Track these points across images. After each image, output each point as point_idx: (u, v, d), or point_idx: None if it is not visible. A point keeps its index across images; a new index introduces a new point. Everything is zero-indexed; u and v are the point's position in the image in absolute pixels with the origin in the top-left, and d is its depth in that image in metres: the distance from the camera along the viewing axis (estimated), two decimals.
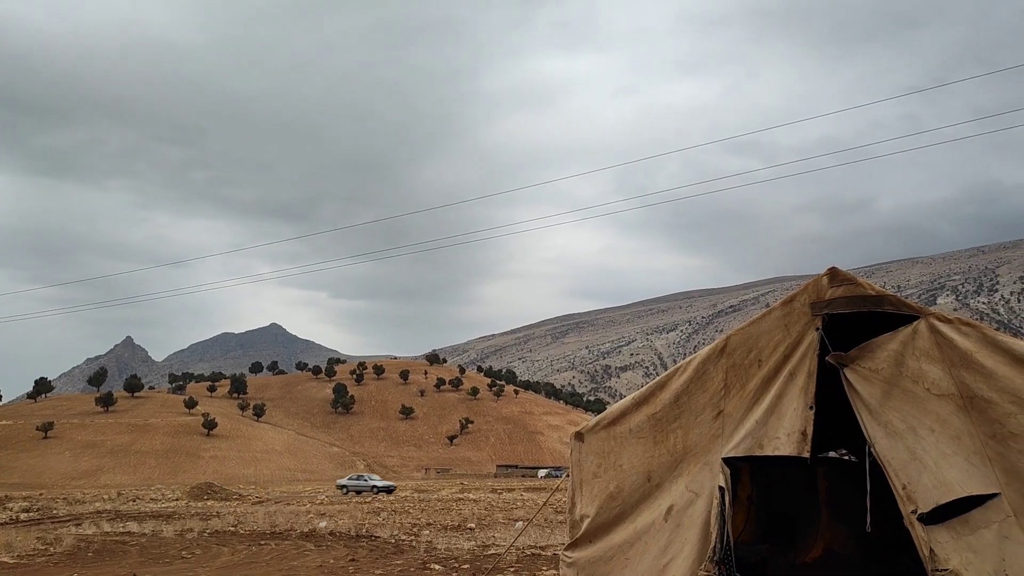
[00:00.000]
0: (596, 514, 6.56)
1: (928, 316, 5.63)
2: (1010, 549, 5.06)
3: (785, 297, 6.27)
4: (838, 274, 6.00)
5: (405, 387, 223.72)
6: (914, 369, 5.57)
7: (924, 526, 5.26)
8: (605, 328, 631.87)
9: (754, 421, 6.01)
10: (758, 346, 6.17)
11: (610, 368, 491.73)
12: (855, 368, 5.75)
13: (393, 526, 22.71)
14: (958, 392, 5.41)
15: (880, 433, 5.57)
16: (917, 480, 5.37)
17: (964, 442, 5.34)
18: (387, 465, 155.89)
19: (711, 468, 6.11)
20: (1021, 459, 5.12)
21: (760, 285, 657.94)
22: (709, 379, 6.30)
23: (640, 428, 6.51)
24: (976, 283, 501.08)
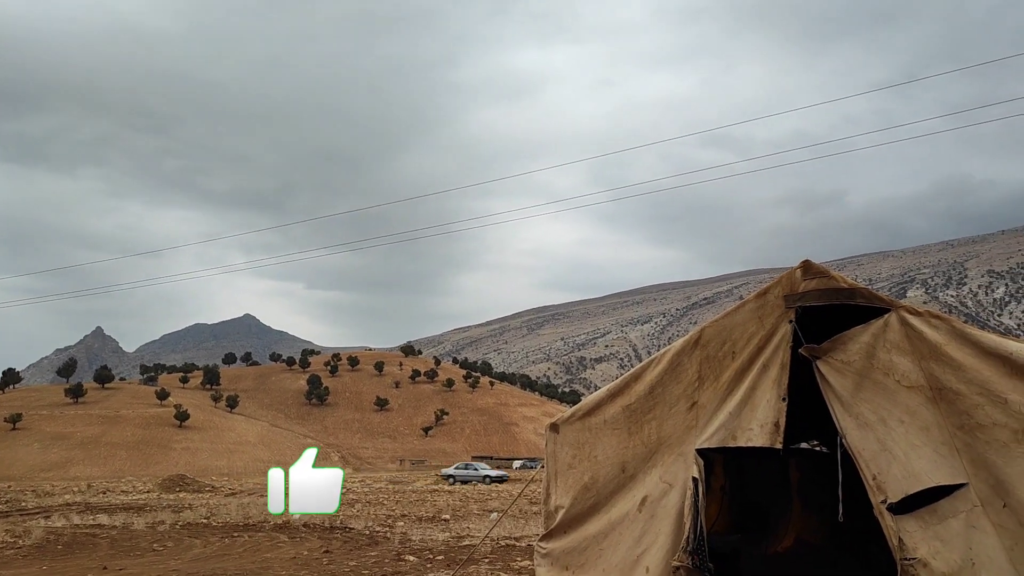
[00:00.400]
0: (571, 505, 6.59)
1: (899, 309, 5.70)
2: (977, 538, 5.15)
3: (759, 290, 6.32)
4: (811, 267, 6.05)
5: (380, 379, 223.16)
6: (885, 361, 5.64)
7: (893, 516, 5.34)
8: (580, 320, 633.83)
9: (728, 412, 6.06)
10: (732, 338, 6.21)
11: (585, 360, 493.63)
12: (827, 360, 5.82)
13: (367, 517, 22.69)
14: (927, 384, 5.49)
15: (851, 424, 5.64)
16: (887, 471, 5.44)
17: (933, 433, 5.42)
18: (362, 457, 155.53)
19: (685, 459, 6.16)
20: (988, 449, 5.21)
21: (734, 278, 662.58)
22: (683, 371, 6.34)
23: (615, 419, 6.54)
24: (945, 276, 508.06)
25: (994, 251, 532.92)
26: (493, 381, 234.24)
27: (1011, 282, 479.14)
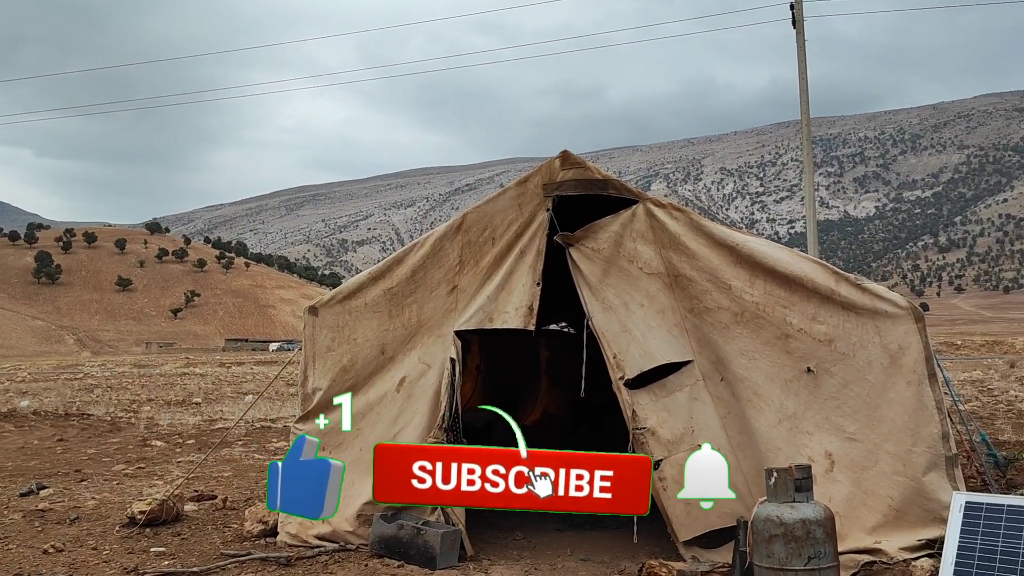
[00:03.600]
0: (329, 387, 6.57)
1: (646, 201, 6.09)
2: (698, 408, 5.79)
3: (519, 178, 6.45)
4: (569, 157, 6.26)
5: (122, 257, 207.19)
6: (631, 250, 6.04)
7: (629, 391, 5.85)
8: (342, 201, 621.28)
9: (486, 296, 6.24)
10: (492, 224, 6.34)
11: (346, 242, 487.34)
12: (580, 248, 6.13)
13: (109, 403, 21.39)
14: (666, 271, 5.96)
15: (598, 308, 6.03)
16: (626, 350, 5.91)
17: (668, 316, 5.94)
18: (102, 340, 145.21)
19: (444, 341, 6.31)
20: (712, 331, 5.80)
21: (496, 165, 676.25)
22: (445, 255, 6.41)
23: (376, 302, 6.53)
24: (685, 172, 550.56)
25: (727, 150, 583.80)
26: (249, 262, 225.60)
27: (739, 179, 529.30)
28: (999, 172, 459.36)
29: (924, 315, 5.71)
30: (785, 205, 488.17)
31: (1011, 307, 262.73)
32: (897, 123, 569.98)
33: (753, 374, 5.67)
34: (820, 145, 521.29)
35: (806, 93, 17.88)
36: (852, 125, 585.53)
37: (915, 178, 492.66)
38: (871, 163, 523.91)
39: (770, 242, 6.09)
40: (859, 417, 5.49)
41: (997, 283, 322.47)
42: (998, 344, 60.49)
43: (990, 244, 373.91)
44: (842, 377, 5.55)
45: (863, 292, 5.65)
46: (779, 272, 5.71)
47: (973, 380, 25.60)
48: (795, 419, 5.55)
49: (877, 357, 5.54)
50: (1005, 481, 8.21)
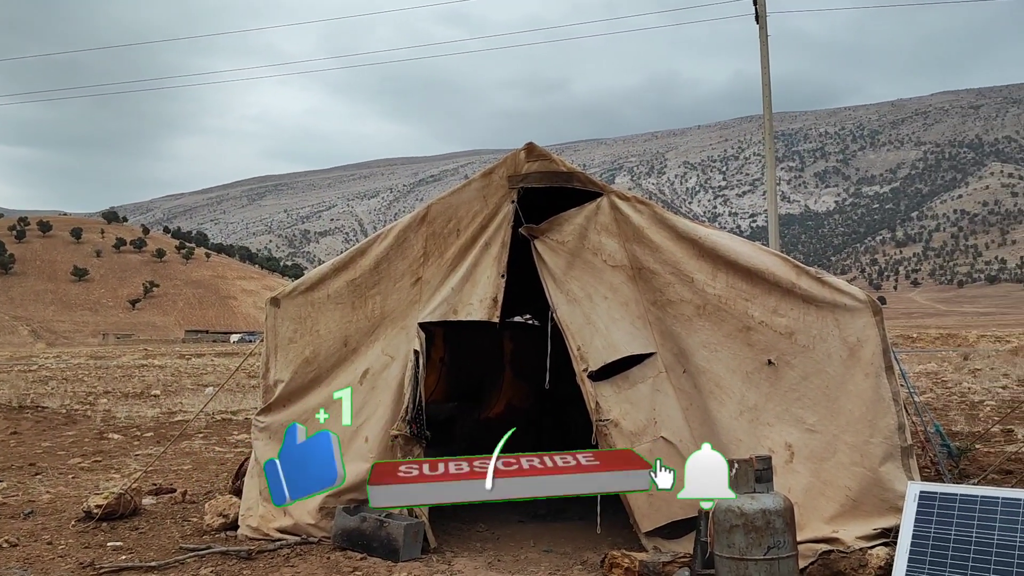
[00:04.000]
0: (291, 379, 6.51)
1: (610, 194, 6.11)
2: (660, 400, 5.83)
3: (485, 169, 6.44)
4: (534, 149, 6.25)
5: (78, 246, 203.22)
6: (595, 242, 6.06)
7: (593, 382, 5.87)
8: (305, 192, 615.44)
9: (450, 288, 6.22)
10: (457, 216, 6.32)
11: (309, 233, 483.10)
12: (544, 240, 6.13)
13: (64, 396, 20.99)
14: (630, 263, 5.99)
15: (562, 300, 6.04)
16: (590, 342, 5.93)
17: (631, 308, 5.97)
18: (57, 331, 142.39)
19: (407, 332, 6.28)
20: (675, 323, 5.85)
21: (460, 156, 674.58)
22: (409, 247, 6.37)
23: (339, 294, 6.47)
24: (648, 165, 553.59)
25: (690, 144, 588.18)
26: (209, 253, 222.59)
27: (702, 173, 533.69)
28: (954, 168, 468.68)
29: (882, 308, 5.80)
30: (747, 199, 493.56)
31: (965, 301, 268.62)
32: (856, 119, 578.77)
33: (715, 366, 5.72)
34: (782, 140, 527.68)
35: (768, 88, 18.06)
36: (813, 120, 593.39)
37: (873, 173, 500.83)
38: (831, 158, 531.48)
39: (732, 235, 6.15)
40: (818, 409, 5.57)
41: (952, 277, 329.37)
42: (952, 337, 61.80)
43: (945, 239, 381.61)
44: (802, 369, 5.63)
45: (823, 285, 5.73)
46: (741, 265, 5.76)
47: (928, 372, 26.15)
48: (756, 411, 5.62)
49: (836, 350, 5.63)
50: (958, 471, 8.40)
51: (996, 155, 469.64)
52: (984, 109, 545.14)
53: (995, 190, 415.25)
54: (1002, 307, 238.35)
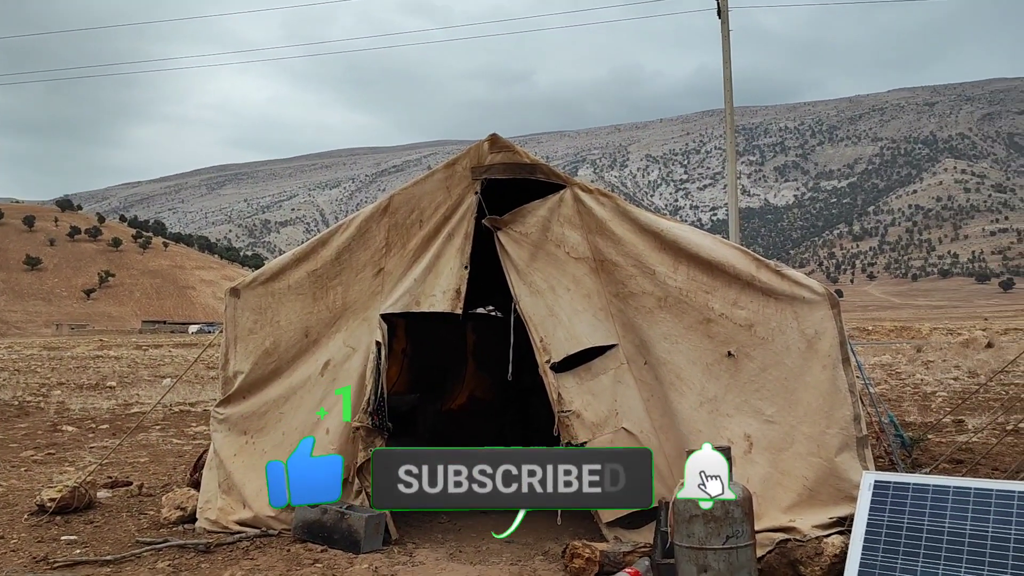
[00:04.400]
0: (251, 370, 6.44)
1: (573, 186, 6.12)
2: (622, 391, 5.87)
3: (448, 160, 6.41)
4: (498, 141, 6.24)
5: (31, 235, 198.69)
6: (558, 234, 6.07)
7: (555, 374, 5.89)
8: (266, 181, 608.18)
9: (413, 279, 6.19)
10: (420, 206, 6.29)
11: (270, 223, 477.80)
12: (508, 231, 6.13)
13: (16, 387, 20.54)
14: (592, 256, 6.01)
15: (525, 291, 6.05)
16: (552, 334, 5.95)
17: (593, 300, 6.00)
18: (9, 321, 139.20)
19: (369, 324, 6.24)
20: (636, 315, 5.88)
21: (424, 147, 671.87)
22: (371, 237, 6.33)
23: (300, 284, 6.41)
24: (611, 158, 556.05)
25: (652, 137, 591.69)
26: (167, 242, 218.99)
27: (664, 166, 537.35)
28: (910, 164, 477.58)
29: (839, 301, 5.89)
30: (708, 192, 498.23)
31: (918, 294, 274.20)
32: (816, 114, 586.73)
33: (676, 358, 5.77)
34: (742, 134, 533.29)
35: (730, 83, 18.22)
36: (773, 115, 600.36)
37: (831, 168, 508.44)
38: (791, 153, 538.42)
39: (694, 228, 6.19)
40: (777, 400, 5.65)
41: (906, 271, 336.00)
42: (906, 329, 63.08)
43: (900, 233, 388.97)
44: (761, 361, 5.70)
45: (782, 278, 5.80)
46: (702, 258, 5.81)
47: (883, 364, 26.67)
48: (716, 402, 5.68)
49: (795, 342, 5.70)
50: (911, 460, 8.58)
51: (950, 151, 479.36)
52: (939, 106, 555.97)
53: (948, 186, 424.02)
54: (954, 300, 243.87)
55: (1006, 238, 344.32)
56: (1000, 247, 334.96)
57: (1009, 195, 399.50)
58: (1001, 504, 4.52)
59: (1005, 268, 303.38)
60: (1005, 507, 4.50)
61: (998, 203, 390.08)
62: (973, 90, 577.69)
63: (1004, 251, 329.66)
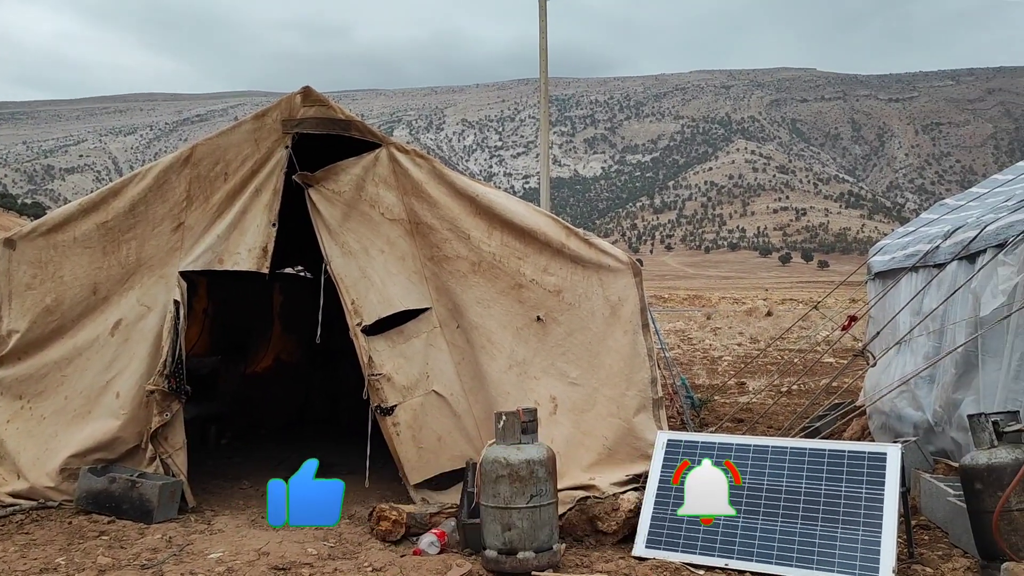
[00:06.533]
0: (28, 329, 5.88)
1: (389, 145, 6.00)
2: (433, 354, 5.88)
3: (257, 111, 6.11)
4: (311, 94, 6.01)
5: None
6: (372, 194, 5.94)
7: (366, 337, 5.81)
8: (49, 123, 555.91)
9: (216, 235, 5.87)
10: (225, 159, 5.96)
11: (53, 169, 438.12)
12: (319, 189, 5.93)
13: None
14: (407, 218, 5.94)
15: (337, 252, 5.89)
16: (365, 296, 5.85)
17: (408, 263, 5.94)
18: None
19: (167, 281, 5.86)
20: (450, 279, 5.89)
21: (231, 96, 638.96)
22: (171, 189, 5.93)
23: (87, 237, 5.90)
24: (427, 120, 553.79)
25: (469, 102, 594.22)
26: None
27: (479, 132, 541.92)
28: (707, 143, 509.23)
29: (641, 270, 6.19)
30: (521, 160, 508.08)
31: (710, 265, 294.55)
32: (624, 90, 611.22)
33: (487, 322, 5.85)
34: (556, 105, 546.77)
35: (545, 53, 18.54)
36: (585, 88, 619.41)
37: (637, 143, 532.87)
38: (600, 126, 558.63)
39: (508, 195, 6.27)
40: (581, 363, 5.87)
41: (700, 243, 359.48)
42: (698, 298, 67.66)
43: (696, 208, 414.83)
44: (568, 326, 5.89)
45: (590, 247, 6.01)
46: (515, 224, 5.90)
47: (676, 330, 28.49)
48: (524, 365, 5.82)
49: (600, 308, 5.94)
50: (699, 420, 9.24)
51: (742, 133, 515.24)
52: (734, 90, 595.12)
53: (740, 165, 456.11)
54: (740, 272, 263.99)
55: (787, 216, 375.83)
56: (781, 224, 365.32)
57: (791, 176, 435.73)
58: (776, 459, 4.96)
59: (785, 243, 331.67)
60: (779, 462, 4.94)
61: (781, 183, 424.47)
62: (763, 77, 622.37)
63: (784, 228, 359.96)
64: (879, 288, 8.35)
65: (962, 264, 6.06)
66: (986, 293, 5.33)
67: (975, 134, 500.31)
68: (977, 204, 7.47)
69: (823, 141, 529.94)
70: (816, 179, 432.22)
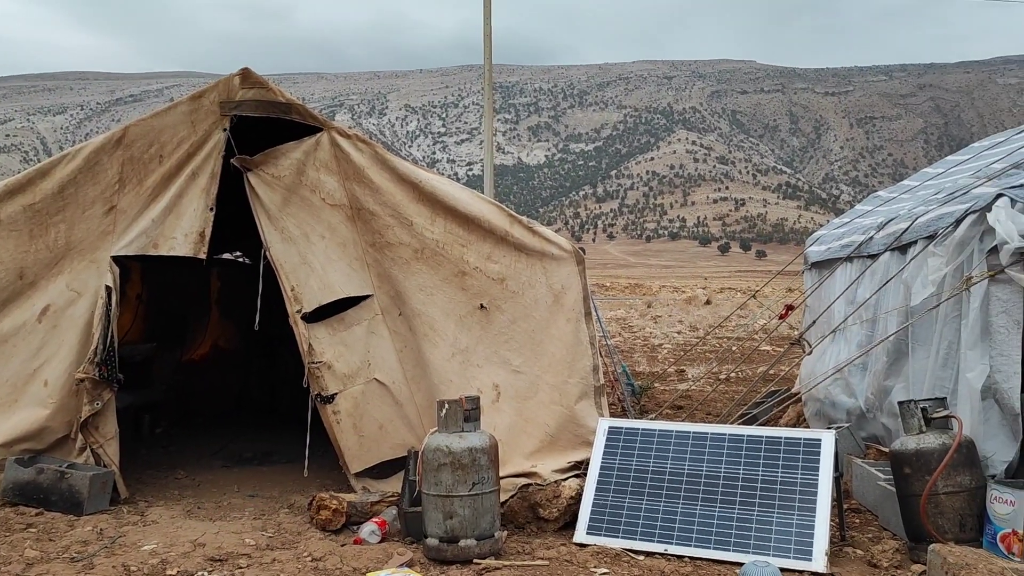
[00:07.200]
0: None
1: (331, 130, 5.90)
2: (375, 342, 5.82)
3: (194, 92, 5.94)
4: (250, 76, 5.87)
5: None
6: (313, 179, 5.84)
7: (306, 324, 5.72)
8: None
9: (150, 219, 5.71)
10: (160, 140, 5.79)
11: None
12: (259, 173, 5.80)
13: None
14: (349, 203, 5.86)
15: (276, 238, 5.78)
16: (305, 283, 5.75)
17: (349, 249, 5.86)
18: None
19: (98, 266, 5.68)
20: (392, 265, 5.83)
21: (167, 77, 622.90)
22: (102, 171, 5.73)
23: (13, 220, 5.67)
24: (370, 105, 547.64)
25: (412, 88, 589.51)
26: None
27: (422, 118, 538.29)
28: (649, 133, 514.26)
29: (584, 258, 6.22)
30: (465, 147, 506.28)
31: (651, 254, 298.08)
32: (568, 78, 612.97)
33: (430, 309, 5.81)
34: (500, 92, 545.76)
35: (490, 39, 18.46)
36: (529, 76, 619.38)
37: (580, 132, 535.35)
38: (544, 114, 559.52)
39: (451, 181, 6.22)
40: (524, 351, 5.88)
41: (641, 232, 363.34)
42: (639, 287, 68.44)
43: (638, 197, 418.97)
44: (511, 314, 5.89)
45: (534, 235, 6.01)
46: (459, 212, 5.86)
47: (618, 318, 28.77)
48: (467, 353, 5.80)
49: (543, 296, 5.95)
50: (639, 407, 9.35)
51: (683, 123, 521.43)
52: (675, 80, 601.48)
53: (681, 155, 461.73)
54: (680, 261, 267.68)
55: (726, 206, 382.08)
56: (720, 214, 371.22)
57: (730, 167, 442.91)
58: (714, 446, 5.04)
59: (724, 233, 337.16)
60: (717, 448, 5.02)
61: (721, 174, 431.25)
62: (705, 68, 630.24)
63: (724, 218, 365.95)
64: (815, 278, 8.53)
65: (894, 255, 6.22)
66: (916, 283, 5.48)
67: (906, 128, 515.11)
68: (909, 197, 7.67)
69: (762, 133, 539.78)
70: (755, 170, 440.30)
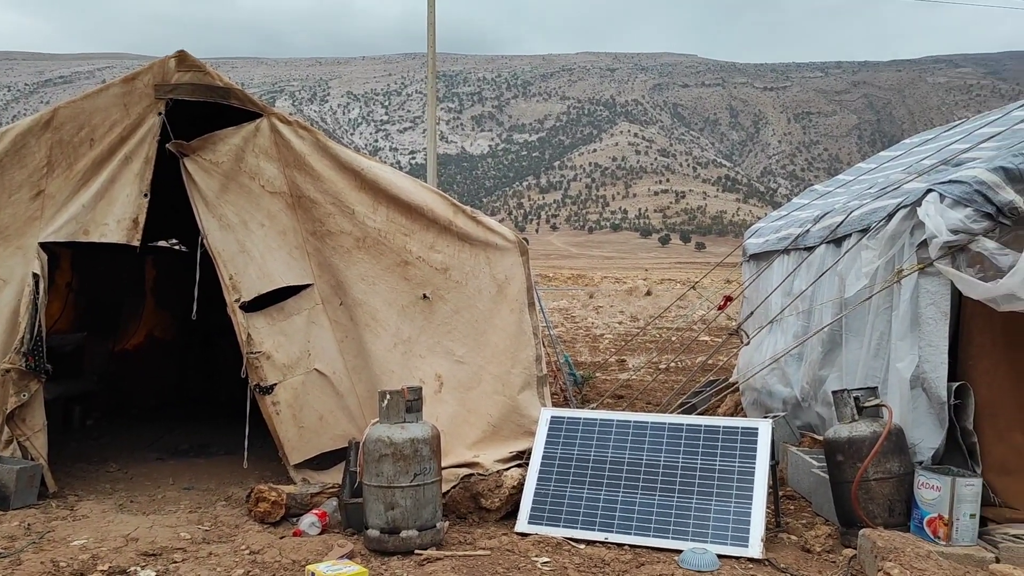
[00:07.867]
0: None
1: (271, 116, 5.78)
2: (315, 332, 5.74)
3: (127, 75, 5.76)
4: (187, 59, 5.72)
5: None
6: (253, 166, 5.72)
7: (245, 313, 5.61)
8: None
9: (81, 205, 5.52)
10: (92, 124, 5.60)
11: None
12: (196, 159, 5.66)
13: None
14: (289, 191, 5.75)
15: (214, 225, 5.65)
16: (244, 271, 5.64)
17: (289, 237, 5.76)
18: None
19: (25, 253, 5.48)
20: (334, 254, 5.75)
21: (98, 58, 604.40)
22: (29, 154, 5.53)
23: None
24: (311, 92, 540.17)
25: (354, 75, 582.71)
26: None
27: (365, 105, 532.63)
28: (592, 124, 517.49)
29: (528, 249, 6.22)
30: (408, 136, 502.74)
31: (594, 245, 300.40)
32: (512, 68, 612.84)
33: (372, 299, 5.74)
34: (443, 81, 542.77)
35: (433, 27, 18.34)
36: (473, 65, 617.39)
37: (524, 122, 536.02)
38: (487, 103, 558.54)
39: (394, 170, 6.16)
40: (467, 341, 5.86)
41: (584, 223, 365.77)
42: (581, 277, 68.93)
43: (581, 188, 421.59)
44: (455, 304, 5.86)
45: (477, 225, 5.98)
46: (402, 200, 5.81)
47: (560, 308, 28.94)
48: (409, 343, 5.76)
49: (486, 286, 5.93)
50: (581, 397, 9.42)
51: (626, 116, 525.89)
52: (618, 72, 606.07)
53: (623, 147, 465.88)
54: (622, 252, 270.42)
55: (667, 198, 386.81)
56: (661, 206, 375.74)
57: (671, 160, 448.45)
58: (654, 435, 5.10)
59: (664, 225, 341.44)
60: (657, 437, 5.08)
61: (662, 166, 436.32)
62: (647, 61, 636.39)
63: (664, 210, 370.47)
64: (753, 269, 8.69)
65: (830, 247, 6.37)
66: (851, 275, 5.61)
67: (841, 124, 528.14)
68: (844, 191, 7.86)
69: (703, 126, 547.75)
70: (695, 163, 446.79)
